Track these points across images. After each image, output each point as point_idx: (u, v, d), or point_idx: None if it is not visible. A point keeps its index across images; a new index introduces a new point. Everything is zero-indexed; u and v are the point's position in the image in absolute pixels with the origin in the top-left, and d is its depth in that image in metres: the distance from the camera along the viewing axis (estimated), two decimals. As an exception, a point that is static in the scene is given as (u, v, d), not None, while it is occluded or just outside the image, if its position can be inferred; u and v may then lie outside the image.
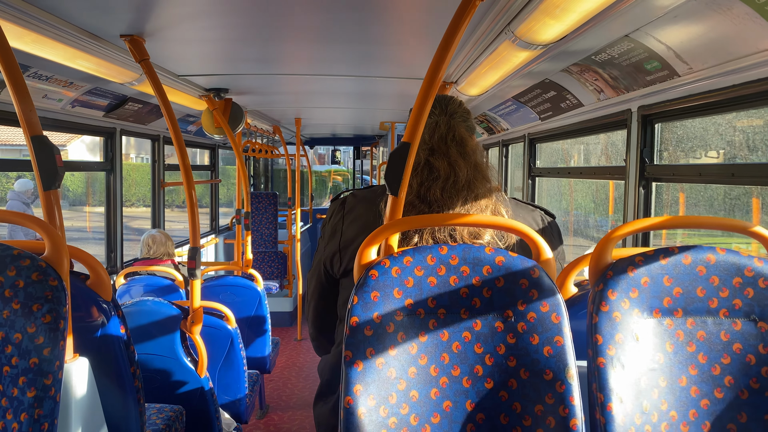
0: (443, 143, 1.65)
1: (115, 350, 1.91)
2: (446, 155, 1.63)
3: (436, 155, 1.63)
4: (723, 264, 1.43)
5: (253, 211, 7.09)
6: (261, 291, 4.26)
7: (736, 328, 1.42)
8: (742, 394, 1.39)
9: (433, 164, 1.62)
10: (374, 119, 6.77)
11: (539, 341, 1.36)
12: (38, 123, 1.72)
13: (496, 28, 2.34)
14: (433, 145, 1.65)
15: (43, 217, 1.72)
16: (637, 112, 2.66)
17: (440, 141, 1.65)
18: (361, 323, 1.37)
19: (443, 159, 1.62)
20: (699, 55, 2.00)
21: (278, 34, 2.71)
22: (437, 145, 1.65)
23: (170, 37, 2.70)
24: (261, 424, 4.41)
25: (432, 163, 1.62)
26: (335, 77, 3.86)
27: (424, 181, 1.61)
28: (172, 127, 2.73)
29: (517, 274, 1.38)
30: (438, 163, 1.62)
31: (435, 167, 1.61)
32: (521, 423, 1.34)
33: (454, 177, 1.61)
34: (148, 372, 2.73)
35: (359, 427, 1.32)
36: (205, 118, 4.46)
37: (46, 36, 2.33)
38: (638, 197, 2.68)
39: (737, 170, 2.19)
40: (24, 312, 1.48)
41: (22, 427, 1.42)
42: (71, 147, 18.23)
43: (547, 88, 3.21)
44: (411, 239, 1.59)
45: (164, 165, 5.21)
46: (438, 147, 1.64)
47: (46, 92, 3.12)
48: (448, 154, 1.63)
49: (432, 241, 1.58)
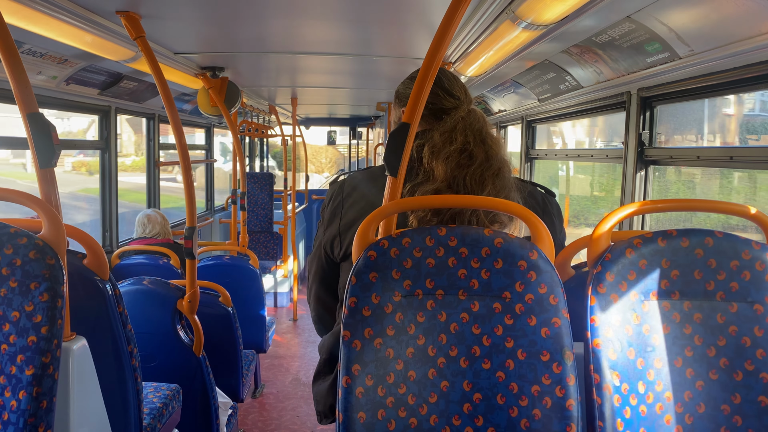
0: (481, 133, 1.63)
1: (113, 329, 1.91)
2: (483, 143, 1.61)
3: (475, 143, 1.61)
4: (720, 247, 1.44)
5: (248, 192, 7.07)
6: (257, 271, 4.27)
7: (732, 310, 1.43)
8: (736, 375, 1.41)
9: (472, 151, 1.59)
10: (371, 100, 6.73)
11: (537, 322, 1.37)
12: (34, 100, 1.70)
13: (497, 8, 2.31)
14: (467, 133, 1.62)
15: (39, 196, 1.71)
16: (636, 94, 2.65)
17: (478, 132, 1.63)
18: (359, 303, 1.37)
19: (481, 146, 1.61)
20: (700, 37, 1.99)
21: (275, 11, 2.67)
22: (474, 134, 1.62)
23: (166, 14, 2.66)
24: (256, 403, 4.45)
25: (471, 150, 1.60)
26: (332, 56, 3.82)
27: (458, 167, 1.58)
28: (168, 106, 2.70)
29: (515, 256, 1.38)
30: (476, 149, 1.60)
31: (473, 154, 1.59)
32: (518, 403, 1.35)
33: (488, 163, 1.59)
34: (145, 351, 2.74)
35: (357, 406, 1.33)
36: (201, 97, 4.41)
37: (41, 12, 2.29)
38: (636, 180, 2.68)
39: (736, 153, 2.19)
40: (21, 290, 1.47)
41: (21, 404, 1.42)
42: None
43: (546, 69, 3.19)
44: (430, 223, 1.57)
45: (159, 144, 5.18)
46: (477, 136, 1.62)
47: (40, 69, 3.08)
48: (485, 143, 1.61)
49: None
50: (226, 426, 3.11)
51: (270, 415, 4.26)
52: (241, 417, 4.12)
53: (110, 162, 4.29)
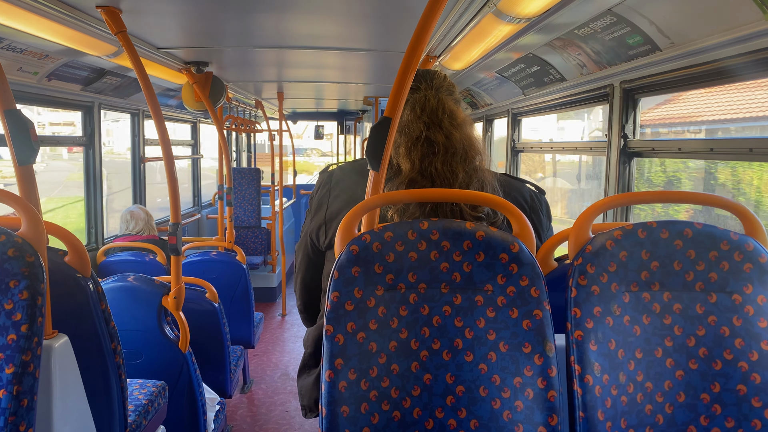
0: (436, 116, 1.64)
1: (95, 326, 1.90)
2: (440, 128, 1.62)
3: (432, 129, 1.62)
4: (699, 238, 1.45)
5: (235, 187, 7.04)
6: (244, 267, 4.26)
7: (712, 300, 1.44)
8: (715, 364, 1.42)
9: (431, 138, 1.61)
10: (358, 94, 6.71)
11: (518, 315, 1.37)
12: (11, 96, 1.68)
13: (479, 1, 2.32)
14: (426, 119, 1.64)
15: (18, 193, 1.69)
16: (619, 86, 2.67)
17: (432, 114, 1.64)
18: (341, 298, 1.37)
19: (439, 132, 1.62)
20: (681, 30, 2.00)
21: (259, 5, 2.66)
22: (430, 118, 1.64)
23: (148, 8, 2.63)
24: (245, 399, 4.44)
25: (429, 136, 1.61)
26: (319, 50, 3.80)
27: (424, 156, 1.61)
28: (151, 102, 2.68)
29: (497, 249, 1.39)
30: (435, 136, 1.61)
31: (433, 140, 1.60)
32: (500, 395, 1.36)
33: (452, 149, 1.60)
34: (130, 348, 2.72)
35: (340, 400, 1.34)
36: (186, 92, 4.38)
37: (19, 7, 2.26)
38: (619, 172, 2.70)
39: (716, 145, 2.21)
40: (0, 288, 1.46)
41: (1, 403, 1.41)
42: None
43: (530, 62, 3.19)
44: (413, 215, 1.58)
45: (144, 140, 5.14)
46: (432, 121, 1.64)
47: (21, 65, 3.04)
48: (443, 127, 1.62)
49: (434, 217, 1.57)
50: (214, 422, 3.10)
51: (259, 410, 4.25)
52: (229, 413, 4.11)
53: (95, 158, 4.26)
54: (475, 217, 1.57)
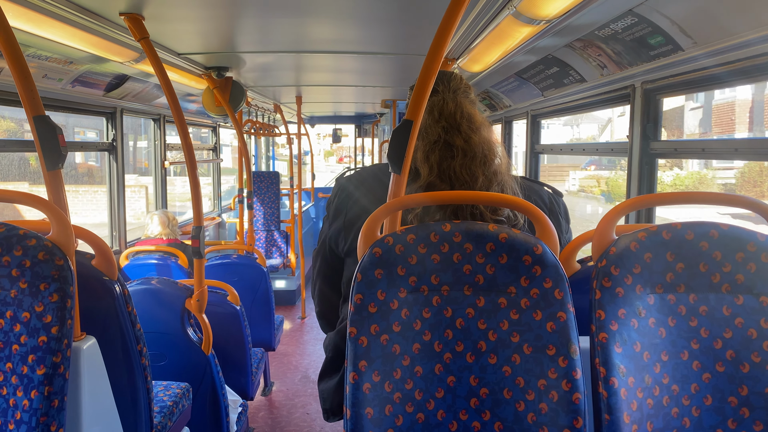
0: (454, 120, 1.64)
1: (122, 329, 1.93)
2: (459, 132, 1.63)
3: (451, 133, 1.63)
4: (725, 239, 1.44)
5: (255, 191, 7.10)
6: (265, 270, 4.29)
7: (738, 302, 1.43)
8: (743, 367, 1.41)
9: (450, 141, 1.61)
10: (375, 97, 6.73)
11: (542, 317, 1.37)
12: (40, 103, 1.72)
13: (499, 3, 2.31)
14: (444, 123, 1.64)
15: (47, 197, 1.73)
16: (640, 87, 2.64)
17: (450, 118, 1.65)
18: (365, 300, 1.38)
19: (458, 136, 1.62)
20: (703, 29, 1.98)
21: (279, 10, 2.68)
22: (449, 122, 1.64)
23: (169, 15, 2.67)
24: (266, 401, 4.47)
25: (448, 140, 1.62)
26: (337, 54, 3.83)
27: (442, 159, 1.61)
28: (174, 106, 2.72)
29: (520, 251, 1.38)
30: (453, 139, 1.61)
31: (451, 144, 1.61)
32: (524, 397, 1.35)
33: (471, 153, 1.60)
34: (154, 350, 2.76)
35: (365, 402, 1.34)
36: (206, 97, 4.43)
37: (45, 15, 2.31)
38: (642, 173, 2.67)
39: (741, 146, 2.18)
40: (31, 291, 1.49)
41: (33, 403, 1.44)
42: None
43: (549, 64, 3.18)
44: (433, 219, 1.59)
45: (165, 145, 5.21)
46: (450, 124, 1.64)
47: (46, 72, 3.10)
48: (461, 131, 1.63)
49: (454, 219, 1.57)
50: (236, 424, 3.13)
51: (280, 412, 4.28)
52: (251, 415, 4.14)
53: (117, 163, 4.32)
54: (495, 221, 1.57)
